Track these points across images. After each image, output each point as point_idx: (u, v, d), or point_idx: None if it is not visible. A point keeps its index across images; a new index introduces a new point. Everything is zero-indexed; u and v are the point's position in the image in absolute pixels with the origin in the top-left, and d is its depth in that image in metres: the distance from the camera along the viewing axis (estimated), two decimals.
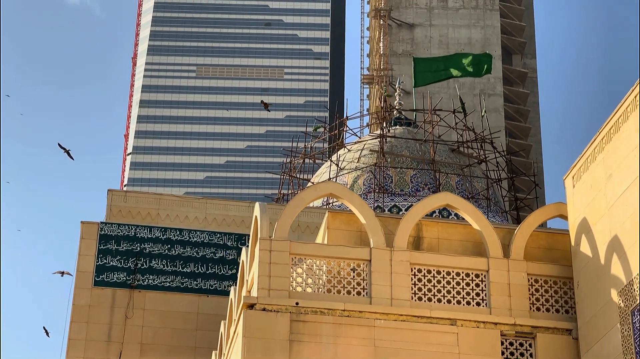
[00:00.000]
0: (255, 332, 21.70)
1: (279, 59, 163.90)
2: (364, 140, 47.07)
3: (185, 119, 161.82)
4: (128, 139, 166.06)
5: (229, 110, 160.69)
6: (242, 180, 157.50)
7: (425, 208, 23.76)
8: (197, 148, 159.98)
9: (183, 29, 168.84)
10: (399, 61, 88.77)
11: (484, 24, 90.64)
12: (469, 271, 23.14)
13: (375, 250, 22.92)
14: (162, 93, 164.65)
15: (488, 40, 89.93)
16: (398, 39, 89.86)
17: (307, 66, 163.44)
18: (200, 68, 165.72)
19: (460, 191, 44.56)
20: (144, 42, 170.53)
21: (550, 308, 23.16)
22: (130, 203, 37.92)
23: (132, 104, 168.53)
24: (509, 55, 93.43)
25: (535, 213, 23.84)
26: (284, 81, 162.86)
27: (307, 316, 22.04)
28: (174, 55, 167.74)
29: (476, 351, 22.20)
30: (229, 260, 35.46)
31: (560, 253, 23.99)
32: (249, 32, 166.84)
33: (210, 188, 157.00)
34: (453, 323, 22.45)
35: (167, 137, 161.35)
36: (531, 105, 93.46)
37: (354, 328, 22.08)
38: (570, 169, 23.39)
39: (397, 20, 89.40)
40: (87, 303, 34.14)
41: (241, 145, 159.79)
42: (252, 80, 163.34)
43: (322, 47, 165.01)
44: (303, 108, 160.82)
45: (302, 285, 22.66)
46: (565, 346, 22.46)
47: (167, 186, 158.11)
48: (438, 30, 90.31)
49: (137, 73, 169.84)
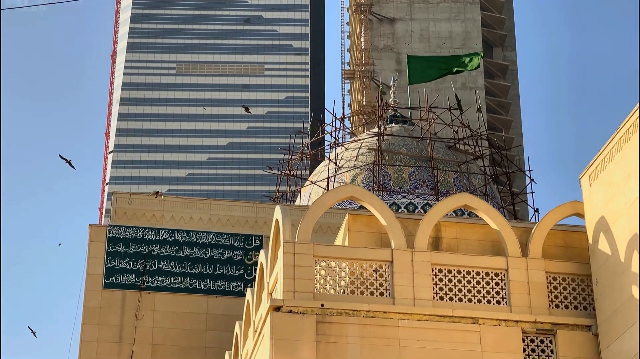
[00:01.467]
0: (283, 334, 22.04)
1: (259, 55, 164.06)
2: (362, 138, 47.48)
3: (166, 116, 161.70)
4: (109, 137, 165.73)
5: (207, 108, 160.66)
6: (225, 177, 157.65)
7: (444, 209, 24.17)
8: (178, 146, 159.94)
9: (162, 25, 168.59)
10: (381, 56, 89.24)
11: (465, 17, 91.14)
12: (488, 270, 23.57)
13: (396, 251, 23.30)
14: (142, 91, 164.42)
15: (469, 33, 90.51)
16: (379, 34, 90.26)
17: (288, 62, 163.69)
18: (181, 65, 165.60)
19: (457, 187, 45.05)
20: (123, 39, 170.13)
21: (569, 305, 23.64)
22: (135, 205, 38.16)
23: (112, 102, 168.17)
24: (490, 48, 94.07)
25: (552, 211, 24.29)
26: (265, 77, 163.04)
27: (332, 318, 22.41)
28: (153, 53, 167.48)
29: (498, 349, 22.64)
30: (237, 261, 35.79)
31: (577, 251, 24.47)
32: (229, 29, 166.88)
33: (193, 186, 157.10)
34: (475, 322, 22.88)
35: (148, 135, 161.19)
36: (512, 98, 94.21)
37: (379, 328, 22.47)
38: (586, 168, 23.86)
39: (378, 15, 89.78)
40: (97, 305, 34.44)
41: (223, 142, 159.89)
42: (232, 76, 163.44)
43: (302, 42, 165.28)
44: (284, 104, 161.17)
45: (326, 286, 23.02)
46: (585, 342, 22.94)
47: (149, 184, 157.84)
48: (419, 24, 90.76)
49: (117, 71, 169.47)
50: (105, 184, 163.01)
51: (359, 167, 45.36)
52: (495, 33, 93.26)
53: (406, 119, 49.68)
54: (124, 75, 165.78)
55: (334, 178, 45.44)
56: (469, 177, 45.52)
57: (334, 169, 45.62)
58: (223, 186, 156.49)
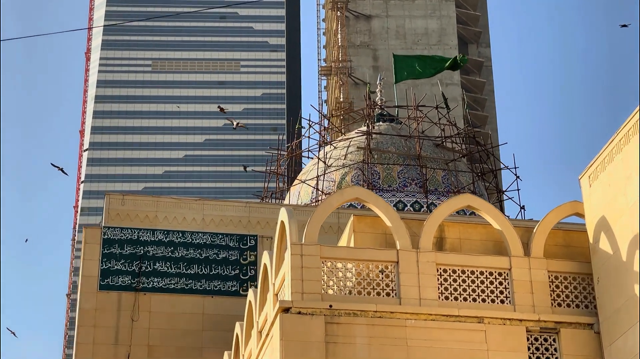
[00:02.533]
0: (292, 335, 22.31)
1: (234, 51, 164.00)
2: (350, 137, 47.77)
3: (142, 114, 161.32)
4: (84, 135, 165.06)
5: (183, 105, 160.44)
6: (201, 174, 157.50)
7: (448, 210, 24.51)
8: (155, 143, 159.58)
9: (137, 23, 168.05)
10: (357, 52, 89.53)
11: (440, 14, 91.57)
12: (492, 269, 23.94)
13: (402, 252, 23.63)
14: (117, 88, 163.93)
15: (444, 30, 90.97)
16: (355, 30, 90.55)
17: (263, 58, 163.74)
18: (156, 63, 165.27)
19: (446, 186, 45.48)
20: (98, 36, 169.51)
21: (571, 303, 24.05)
22: (128, 206, 38.26)
23: (87, 100, 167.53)
24: (465, 44, 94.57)
25: (553, 211, 24.70)
26: (241, 74, 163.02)
27: (340, 318, 22.70)
28: (128, 50, 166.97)
29: (504, 348, 23.02)
30: (232, 261, 35.99)
31: (577, 250, 24.90)
32: (204, 25, 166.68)
33: (170, 183, 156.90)
34: (480, 321, 23.24)
35: (124, 132, 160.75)
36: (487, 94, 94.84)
37: (386, 328, 22.78)
38: (585, 169, 24.28)
39: (354, 12, 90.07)
40: (93, 306, 34.54)
41: (199, 139, 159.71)
42: (208, 73, 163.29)
43: (278, 39, 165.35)
44: (260, 100, 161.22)
45: (334, 287, 23.30)
46: (588, 341, 23.37)
47: (125, 181, 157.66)
48: (395, 21, 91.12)
49: (92, 68, 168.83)
50: (80, 182, 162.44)
51: (348, 165, 45.65)
52: (470, 30, 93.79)
53: (393, 117, 50.04)
54: (98, 72, 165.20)
55: (323, 177, 45.72)
56: (457, 175, 45.96)
57: (323, 168, 45.89)
58: (200, 184, 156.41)
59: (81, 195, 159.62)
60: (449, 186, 45.50)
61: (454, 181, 45.63)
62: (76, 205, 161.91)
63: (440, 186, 45.31)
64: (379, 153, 45.84)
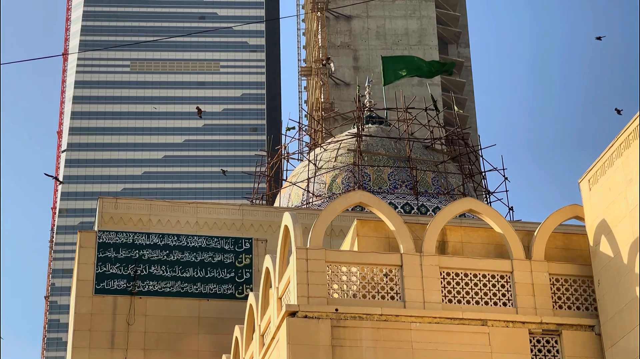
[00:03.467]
0: (299, 339, 22.51)
1: (214, 52, 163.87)
2: (340, 139, 47.96)
3: (120, 114, 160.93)
4: (62, 136, 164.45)
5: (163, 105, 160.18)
6: (181, 175, 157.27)
7: (450, 214, 24.77)
8: (134, 144, 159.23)
9: (115, 23, 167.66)
10: (338, 53, 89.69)
11: (420, 14, 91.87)
12: (494, 272, 24.22)
13: (406, 256, 23.86)
14: (95, 89, 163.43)
15: (424, 30, 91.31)
16: (336, 31, 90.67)
17: (243, 59, 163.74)
18: (135, 63, 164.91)
19: (436, 187, 45.79)
20: (75, 37, 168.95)
21: (572, 305, 24.37)
22: (122, 209, 38.29)
23: (65, 100, 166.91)
24: (445, 44, 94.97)
25: (553, 215, 25.01)
26: (220, 74, 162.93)
27: (346, 322, 22.92)
28: (107, 50, 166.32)
29: (507, 350, 23.31)
30: (227, 264, 36.12)
31: (576, 253, 25.23)
32: (183, 26, 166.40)
33: (149, 184, 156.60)
34: (484, 324, 23.52)
35: (102, 133, 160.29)
36: (467, 94, 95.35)
37: (392, 331, 23.01)
38: (585, 173, 24.60)
39: (335, 12, 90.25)
40: (88, 311, 34.57)
41: (179, 139, 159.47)
42: (187, 74, 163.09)
43: (257, 39, 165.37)
44: (240, 100, 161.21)
45: (339, 291, 23.50)
46: (589, 342, 23.70)
47: (103, 182, 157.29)
48: (375, 22, 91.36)
49: (69, 69, 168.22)
50: (58, 184, 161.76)
51: (339, 167, 45.86)
52: (450, 30, 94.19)
53: (382, 119, 50.28)
54: (76, 73, 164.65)
55: (314, 179, 45.89)
56: (446, 177, 46.26)
57: (313, 170, 46.06)
58: (180, 184, 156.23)
59: (59, 197, 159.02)
60: (439, 188, 45.79)
61: (443, 183, 45.94)
62: (54, 207, 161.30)
63: (430, 188, 45.60)
64: (369, 155, 46.07)
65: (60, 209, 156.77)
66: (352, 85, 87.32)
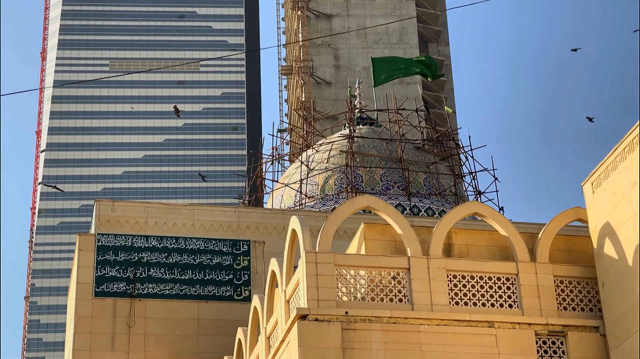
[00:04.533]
0: (310, 341, 22.81)
1: (194, 51, 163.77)
2: (332, 140, 48.27)
3: (100, 114, 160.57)
4: (40, 136, 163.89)
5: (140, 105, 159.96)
6: (161, 174, 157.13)
7: (456, 217, 25.13)
8: (113, 143, 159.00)
9: (94, 22, 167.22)
10: (319, 52, 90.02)
11: (400, 13, 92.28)
12: (500, 275, 24.61)
13: (413, 259, 24.21)
14: (74, 89, 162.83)
15: (405, 29, 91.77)
16: (317, 30, 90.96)
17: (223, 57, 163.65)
18: (114, 62, 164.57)
19: (427, 188, 46.19)
20: (54, 36, 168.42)
21: (576, 307, 24.80)
22: (118, 212, 38.45)
23: (44, 100, 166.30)
24: (425, 43, 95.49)
25: (556, 217, 25.42)
26: (200, 73, 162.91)
27: (356, 325, 23.23)
28: (85, 50, 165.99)
29: (514, 351, 23.70)
30: (225, 266, 36.36)
31: (579, 255, 25.66)
32: (163, 25, 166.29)
33: (129, 183, 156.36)
34: (491, 325, 23.89)
35: (82, 133, 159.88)
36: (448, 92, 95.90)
37: (400, 333, 23.35)
38: (588, 177, 25.03)
39: (315, 11, 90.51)
40: (89, 313, 34.74)
41: (159, 139, 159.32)
42: (167, 73, 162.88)
43: (237, 38, 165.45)
44: (220, 100, 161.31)
45: (347, 294, 23.82)
46: (594, 343, 24.12)
47: (83, 182, 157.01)
48: (356, 21, 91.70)
49: (48, 68, 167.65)
50: (37, 183, 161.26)
51: (331, 169, 46.16)
52: (430, 29, 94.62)
53: (373, 121, 50.61)
54: (55, 72, 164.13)
55: (307, 181, 46.18)
56: (438, 178, 46.67)
57: (306, 171, 46.34)
58: (160, 184, 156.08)
59: (38, 197, 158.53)
60: (431, 189, 46.20)
61: (435, 184, 46.34)
62: (33, 207, 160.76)
63: (422, 188, 46.00)
64: (361, 156, 46.40)
65: (39, 209, 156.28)
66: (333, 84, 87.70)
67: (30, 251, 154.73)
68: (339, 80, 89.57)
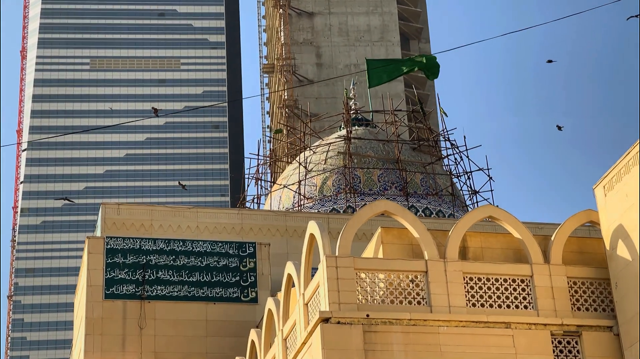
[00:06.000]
0: (333, 344, 23.31)
1: (174, 49, 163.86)
2: (329, 141, 48.81)
3: (81, 113, 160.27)
4: (21, 135, 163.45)
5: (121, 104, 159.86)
6: (143, 173, 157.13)
7: (471, 221, 25.69)
8: (95, 142, 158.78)
9: (74, 20, 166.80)
10: (301, 50, 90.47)
11: (382, 10, 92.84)
12: (515, 277, 25.19)
13: (430, 262, 24.77)
14: (55, 87, 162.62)
15: (386, 27, 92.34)
16: (298, 28, 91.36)
17: (204, 56, 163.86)
18: (95, 61, 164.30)
19: (424, 188, 46.80)
20: (34, 35, 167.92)
21: (590, 307, 25.43)
22: (124, 215, 38.93)
23: (24, 99, 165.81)
24: (407, 40, 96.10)
25: (569, 220, 26.03)
26: (181, 72, 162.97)
27: (377, 327, 23.76)
28: (66, 48, 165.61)
29: (530, 351, 24.29)
30: (232, 268, 36.84)
31: (590, 256, 26.30)
32: (143, 23, 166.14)
33: (111, 182, 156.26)
34: (507, 326, 24.47)
35: (63, 131, 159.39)
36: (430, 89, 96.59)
37: (420, 335, 23.90)
38: (600, 180, 25.65)
39: (297, 9, 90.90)
40: (99, 315, 35.19)
41: (140, 137, 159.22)
42: (148, 71, 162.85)
43: (218, 36, 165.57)
44: (201, 98, 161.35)
45: (367, 297, 24.35)
46: (608, 343, 24.73)
47: (65, 181, 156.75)
48: (337, 18, 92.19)
49: (28, 67, 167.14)
50: (19, 183, 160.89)
51: (329, 170, 46.67)
52: (411, 26, 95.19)
53: (368, 122, 51.17)
54: (35, 71, 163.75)
55: (305, 182, 46.69)
56: (435, 178, 47.29)
57: (304, 172, 46.84)
58: (142, 182, 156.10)
59: (20, 196, 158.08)
60: (428, 189, 46.83)
61: (432, 184, 46.97)
62: (15, 206, 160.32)
63: (419, 189, 46.60)
64: (358, 157, 46.95)
65: (22, 208, 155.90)
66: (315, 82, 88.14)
67: (13, 250, 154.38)
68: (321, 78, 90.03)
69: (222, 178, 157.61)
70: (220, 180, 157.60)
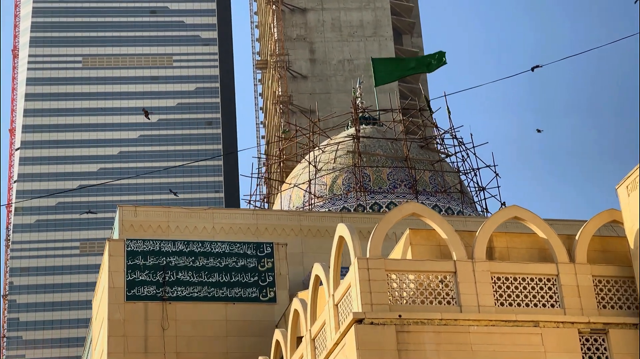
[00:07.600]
0: (368, 344, 23.81)
1: (166, 46, 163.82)
2: (338, 140, 49.27)
3: (74, 111, 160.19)
4: (14, 134, 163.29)
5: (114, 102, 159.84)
6: (137, 170, 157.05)
7: (497, 222, 26.21)
8: (88, 140, 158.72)
9: (66, 18, 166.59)
10: (294, 46, 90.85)
11: (375, 5, 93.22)
12: (541, 276, 25.72)
13: (459, 262, 25.28)
14: (48, 86, 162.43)
15: (379, 22, 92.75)
16: (291, 24, 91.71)
17: (196, 52, 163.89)
18: (87, 59, 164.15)
19: (433, 186, 47.32)
20: (25, 33, 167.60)
21: (615, 305, 25.97)
22: (141, 217, 39.31)
23: (17, 98, 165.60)
24: (399, 35, 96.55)
25: (592, 219, 26.57)
26: (174, 69, 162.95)
27: (409, 327, 24.26)
28: (58, 47, 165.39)
29: (559, 349, 24.83)
30: (250, 268, 37.31)
31: (613, 255, 26.84)
32: (135, 20, 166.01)
33: (105, 179, 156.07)
34: (536, 325, 25.01)
35: (56, 130, 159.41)
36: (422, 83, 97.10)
37: (451, 334, 24.42)
38: (623, 180, 26.20)
39: (290, 5, 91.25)
40: (122, 317, 35.61)
41: (134, 134, 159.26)
42: (140, 68, 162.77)
43: (210, 32, 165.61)
44: (194, 95, 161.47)
45: (398, 298, 24.85)
46: (635, 339, 25.28)
47: (59, 180, 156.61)
48: (330, 14, 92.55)
49: (20, 66, 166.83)
50: (12, 182, 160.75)
51: (339, 169, 47.13)
52: (404, 21, 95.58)
53: (375, 120, 51.65)
54: (27, 70, 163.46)
55: (315, 181, 47.14)
56: (443, 175, 47.81)
57: (314, 172, 47.29)
58: (136, 180, 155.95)
59: (14, 195, 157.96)
60: (436, 186, 47.34)
61: (440, 182, 47.49)
62: (8, 205, 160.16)
63: (428, 186, 47.11)
64: (367, 156, 47.43)
65: (15, 207, 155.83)
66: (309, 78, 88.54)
67: (7, 249, 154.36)
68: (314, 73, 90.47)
69: (216, 174, 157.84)
70: (214, 176, 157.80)
